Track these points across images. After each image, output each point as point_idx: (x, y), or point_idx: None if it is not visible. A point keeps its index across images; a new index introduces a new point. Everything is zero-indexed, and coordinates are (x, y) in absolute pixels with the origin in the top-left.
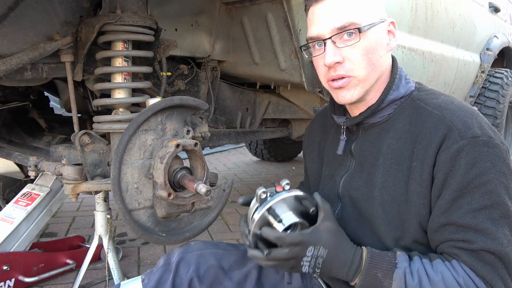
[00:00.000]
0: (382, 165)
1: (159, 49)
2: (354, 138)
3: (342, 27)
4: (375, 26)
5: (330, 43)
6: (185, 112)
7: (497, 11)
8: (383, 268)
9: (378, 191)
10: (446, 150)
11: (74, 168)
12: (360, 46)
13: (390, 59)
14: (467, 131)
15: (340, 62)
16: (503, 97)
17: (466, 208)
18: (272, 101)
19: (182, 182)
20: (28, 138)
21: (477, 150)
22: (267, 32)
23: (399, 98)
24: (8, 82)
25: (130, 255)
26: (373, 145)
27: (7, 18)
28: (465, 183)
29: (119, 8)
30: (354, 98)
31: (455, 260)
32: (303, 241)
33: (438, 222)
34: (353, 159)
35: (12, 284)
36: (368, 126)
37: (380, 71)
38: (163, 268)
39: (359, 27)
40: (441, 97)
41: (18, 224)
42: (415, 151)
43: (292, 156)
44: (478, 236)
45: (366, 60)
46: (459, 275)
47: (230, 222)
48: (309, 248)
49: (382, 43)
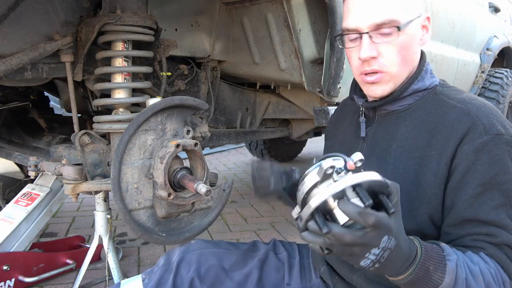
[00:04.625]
0: (395, 151)
1: (159, 49)
2: (369, 124)
3: (381, 23)
4: (412, 22)
5: (367, 38)
6: (185, 112)
7: (497, 11)
8: (434, 261)
9: (388, 176)
10: (470, 143)
11: (74, 168)
12: (397, 43)
13: (419, 53)
14: (492, 127)
15: (375, 57)
16: (503, 97)
17: (490, 204)
18: (272, 101)
19: (182, 182)
20: (28, 138)
21: (500, 148)
22: (267, 32)
23: (422, 90)
24: (8, 82)
25: (130, 255)
26: (387, 132)
27: (7, 18)
28: (487, 179)
29: (119, 8)
30: (386, 93)
31: (482, 252)
32: (386, 226)
33: (460, 217)
34: (365, 144)
35: (12, 284)
36: (385, 113)
37: (411, 66)
38: (164, 267)
39: (398, 26)
40: (465, 94)
41: (18, 224)
42: (433, 141)
43: (292, 156)
44: (501, 231)
45: (400, 57)
46: (490, 266)
47: (230, 222)
48: (384, 238)
49: (416, 39)
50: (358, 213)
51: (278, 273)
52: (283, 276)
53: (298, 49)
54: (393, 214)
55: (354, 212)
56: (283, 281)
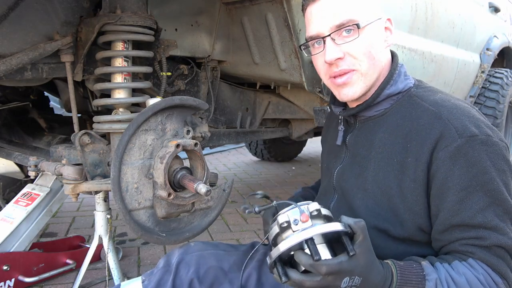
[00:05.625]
0: (374, 158)
1: (159, 49)
2: (350, 130)
3: (340, 24)
4: (372, 23)
5: (329, 41)
6: (185, 112)
7: (497, 11)
8: (413, 282)
9: (369, 184)
10: (444, 149)
11: (74, 168)
12: (360, 41)
13: (388, 56)
14: (465, 130)
15: (341, 58)
16: (503, 97)
17: (475, 208)
18: (272, 101)
19: (182, 182)
20: (28, 138)
21: (476, 149)
22: (267, 32)
23: (396, 94)
24: (8, 82)
25: (130, 255)
26: (366, 139)
27: (7, 18)
28: (468, 183)
29: (119, 8)
30: (357, 95)
31: (471, 258)
32: (341, 271)
33: (448, 224)
34: (347, 151)
35: (12, 284)
36: (364, 119)
37: (380, 67)
38: (163, 269)
39: (357, 23)
40: (439, 94)
41: (18, 224)
42: (408, 146)
43: (292, 156)
44: (490, 232)
45: (367, 54)
46: (478, 273)
47: (230, 222)
48: (345, 279)
49: (380, 39)
50: (310, 265)
51: None
52: None
53: (298, 49)
54: (354, 256)
55: (306, 264)
56: None
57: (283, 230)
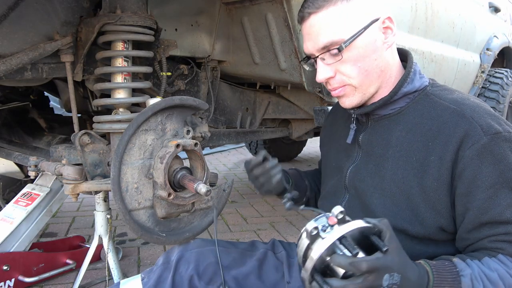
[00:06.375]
0: (392, 157)
1: (159, 49)
2: (363, 129)
3: (324, 47)
4: (362, 34)
5: (319, 61)
6: (185, 112)
7: (497, 11)
8: (448, 280)
9: (387, 183)
10: (471, 147)
11: (74, 168)
12: (347, 59)
13: (394, 55)
14: (489, 127)
15: (332, 76)
16: (503, 97)
17: (503, 204)
18: (272, 101)
19: (182, 182)
20: (28, 138)
21: (501, 146)
22: (267, 32)
23: (412, 92)
24: (8, 82)
25: (130, 255)
26: (382, 137)
27: (7, 18)
28: (495, 179)
29: (119, 8)
30: (355, 104)
31: (500, 254)
32: (381, 267)
33: (477, 222)
34: (360, 150)
35: (12, 284)
36: (378, 117)
37: (377, 73)
38: (163, 266)
39: (338, 47)
40: (456, 93)
41: (18, 224)
42: (430, 144)
43: (292, 156)
44: None
45: (356, 70)
46: (510, 268)
47: (230, 222)
48: (385, 276)
49: (374, 46)
50: (349, 264)
51: (277, 272)
52: (283, 274)
53: (298, 49)
54: (388, 251)
55: (346, 264)
56: (282, 280)
57: (313, 241)
